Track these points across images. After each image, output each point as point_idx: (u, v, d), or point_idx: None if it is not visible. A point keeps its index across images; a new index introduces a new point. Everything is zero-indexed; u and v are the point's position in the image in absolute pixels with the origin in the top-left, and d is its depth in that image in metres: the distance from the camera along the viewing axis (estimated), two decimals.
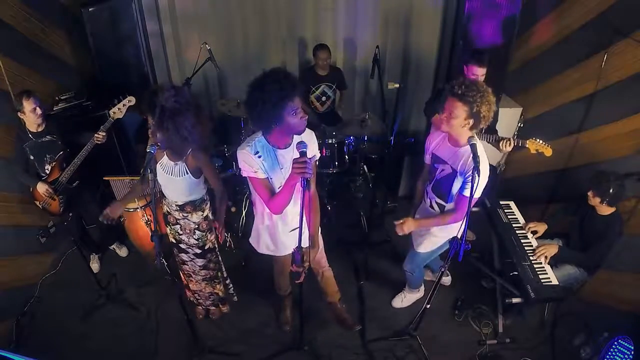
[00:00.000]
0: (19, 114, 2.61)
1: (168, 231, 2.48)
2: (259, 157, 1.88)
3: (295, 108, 1.72)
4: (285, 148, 1.94)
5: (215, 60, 3.59)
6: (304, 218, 1.81)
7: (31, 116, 2.62)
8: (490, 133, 2.84)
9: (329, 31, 4.21)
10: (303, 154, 1.70)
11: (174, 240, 2.49)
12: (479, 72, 2.73)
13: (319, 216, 2.25)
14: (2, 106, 2.88)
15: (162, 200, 2.41)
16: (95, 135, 2.68)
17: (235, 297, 2.94)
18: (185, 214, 2.34)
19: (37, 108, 2.62)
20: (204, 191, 2.37)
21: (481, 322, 2.88)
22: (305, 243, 1.88)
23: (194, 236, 2.42)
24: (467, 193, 2.02)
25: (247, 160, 1.87)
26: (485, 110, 1.96)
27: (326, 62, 3.78)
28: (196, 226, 2.39)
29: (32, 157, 2.75)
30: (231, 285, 2.88)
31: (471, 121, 2.01)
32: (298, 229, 1.79)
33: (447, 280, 3.16)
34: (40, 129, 2.72)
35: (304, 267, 1.96)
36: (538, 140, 2.70)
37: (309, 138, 1.99)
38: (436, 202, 2.35)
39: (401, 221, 2.26)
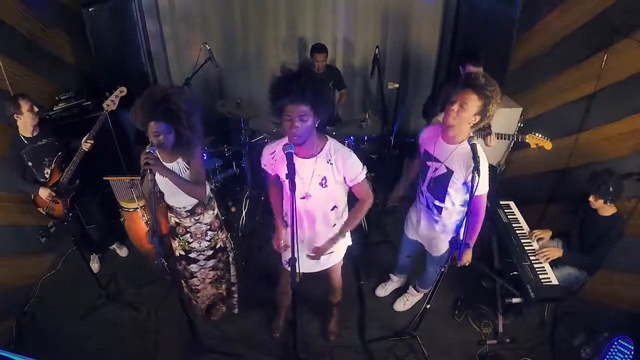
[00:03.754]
0: (15, 116, 2.57)
1: (176, 244, 2.43)
2: (273, 157, 2.01)
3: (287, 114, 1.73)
4: (305, 158, 1.90)
5: (215, 60, 3.59)
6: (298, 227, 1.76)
7: (28, 116, 2.59)
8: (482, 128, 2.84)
9: (329, 31, 4.21)
10: (289, 155, 1.70)
11: (182, 252, 2.44)
12: (475, 71, 2.67)
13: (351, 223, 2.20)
14: (2, 106, 2.88)
15: (168, 210, 2.34)
16: (83, 143, 2.65)
17: (236, 310, 2.87)
18: (196, 218, 2.31)
19: (34, 106, 2.61)
20: (209, 188, 2.33)
21: (481, 322, 2.88)
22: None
23: (206, 238, 2.40)
24: (477, 192, 1.86)
25: (263, 154, 2.05)
26: (492, 109, 1.89)
27: (322, 64, 3.76)
28: (208, 227, 2.38)
29: (30, 164, 2.72)
30: (237, 295, 2.82)
31: (478, 118, 1.92)
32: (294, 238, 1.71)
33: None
34: (35, 133, 2.69)
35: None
36: (537, 134, 2.78)
37: (346, 158, 1.91)
38: (433, 204, 2.27)
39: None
